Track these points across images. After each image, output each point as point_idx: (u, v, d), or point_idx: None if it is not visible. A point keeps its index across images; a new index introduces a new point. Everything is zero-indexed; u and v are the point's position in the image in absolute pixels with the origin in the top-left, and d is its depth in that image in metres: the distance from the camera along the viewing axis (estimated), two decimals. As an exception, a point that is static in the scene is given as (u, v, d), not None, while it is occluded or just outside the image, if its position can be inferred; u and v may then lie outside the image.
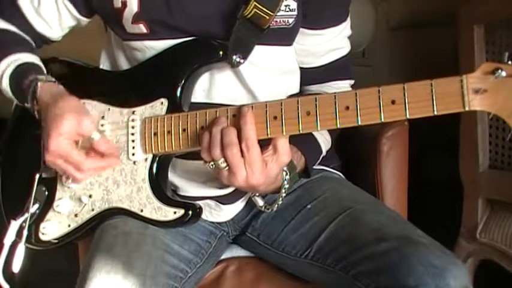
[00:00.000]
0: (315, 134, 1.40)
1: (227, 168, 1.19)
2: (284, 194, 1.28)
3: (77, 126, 1.26)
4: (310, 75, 1.47)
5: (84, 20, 1.47)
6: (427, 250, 1.17)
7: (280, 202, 1.30)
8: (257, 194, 1.31)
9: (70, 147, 1.26)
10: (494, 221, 2.08)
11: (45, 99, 1.31)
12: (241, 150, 1.17)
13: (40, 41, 1.49)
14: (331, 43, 1.44)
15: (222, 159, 1.18)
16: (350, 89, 1.50)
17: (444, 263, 1.15)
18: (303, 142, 1.35)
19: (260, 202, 1.32)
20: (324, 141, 1.43)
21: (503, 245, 2.04)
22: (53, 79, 1.36)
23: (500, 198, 2.06)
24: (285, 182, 1.26)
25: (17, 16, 1.44)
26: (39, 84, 1.33)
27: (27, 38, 1.46)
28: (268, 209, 1.32)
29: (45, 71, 1.41)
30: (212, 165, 1.20)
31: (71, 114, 1.26)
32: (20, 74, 1.38)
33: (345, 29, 1.45)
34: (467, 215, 2.15)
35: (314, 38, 1.42)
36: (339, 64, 1.47)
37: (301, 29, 1.39)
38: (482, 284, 2.01)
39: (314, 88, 1.49)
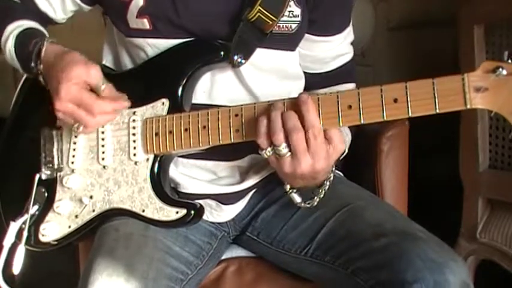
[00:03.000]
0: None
1: (289, 154, 1.16)
2: (327, 186, 1.26)
3: (85, 74, 1.26)
4: (317, 80, 1.47)
5: (86, 7, 1.48)
6: (426, 245, 1.17)
7: (322, 196, 1.26)
8: (295, 191, 1.27)
9: (80, 90, 1.25)
10: (494, 221, 2.08)
11: (50, 57, 1.32)
12: (307, 138, 1.13)
13: (43, 21, 1.48)
14: (337, 49, 1.45)
15: (284, 145, 1.15)
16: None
17: (443, 259, 1.15)
18: None
19: (298, 199, 1.28)
20: (348, 141, 1.43)
21: (503, 245, 2.04)
22: (56, 42, 1.36)
23: (500, 198, 2.06)
24: (331, 174, 1.25)
25: None
26: (45, 43, 1.34)
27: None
28: (308, 204, 1.28)
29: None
30: (269, 151, 1.17)
31: (79, 63, 1.27)
32: (26, 37, 1.38)
33: (348, 34, 1.46)
34: (467, 215, 2.15)
35: (321, 45, 1.42)
36: (345, 69, 1.48)
37: (308, 36, 1.40)
38: (482, 284, 2.01)
39: (321, 92, 1.47)
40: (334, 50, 1.44)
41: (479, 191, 2.11)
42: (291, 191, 1.28)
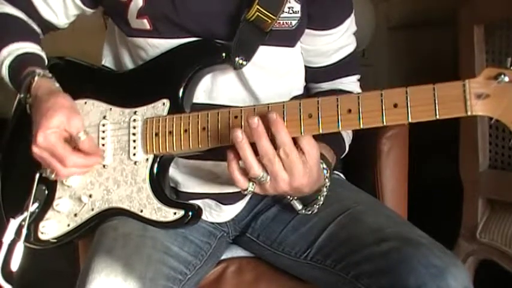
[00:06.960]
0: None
1: (269, 178, 1.15)
2: (325, 193, 1.27)
3: (66, 123, 1.27)
4: (320, 74, 1.47)
5: (89, 11, 1.47)
6: (428, 250, 1.17)
7: (321, 202, 1.28)
8: (295, 198, 1.30)
9: (56, 140, 1.26)
10: (494, 221, 2.08)
11: (39, 93, 1.31)
12: (280, 157, 1.13)
13: (46, 28, 1.49)
14: (339, 42, 1.44)
15: (262, 173, 1.14)
16: (357, 83, 1.51)
17: (445, 264, 1.15)
18: (332, 140, 1.33)
19: (299, 206, 1.31)
20: (347, 136, 1.43)
21: (503, 245, 2.04)
22: (50, 75, 1.36)
23: (500, 198, 2.06)
24: (326, 180, 1.25)
25: (24, 2, 1.45)
26: (36, 78, 1.33)
27: (34, 25, 1.47)
28: (309, 211, 1.31)
29: (46, 62, 1.42)
30: (252, 187, 1.17)
31: (62, 111, 1.27)
32: (19, 64, 1.38)
33: (350, 25, 1.44)
34: (467, 215, 2.15)
35: (323, 39, 1.42)
36: (348, 61, 1.47)
37: (309, 31, 1.39)
38: (482, 284, 2.01)
39: (325, 86, 1.49)
40: (336, 42, 1.44)
41: (479, 191, 2.11)
42: (291, 198, 1.29)
